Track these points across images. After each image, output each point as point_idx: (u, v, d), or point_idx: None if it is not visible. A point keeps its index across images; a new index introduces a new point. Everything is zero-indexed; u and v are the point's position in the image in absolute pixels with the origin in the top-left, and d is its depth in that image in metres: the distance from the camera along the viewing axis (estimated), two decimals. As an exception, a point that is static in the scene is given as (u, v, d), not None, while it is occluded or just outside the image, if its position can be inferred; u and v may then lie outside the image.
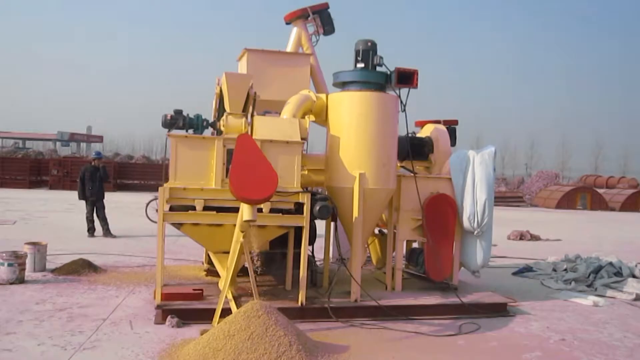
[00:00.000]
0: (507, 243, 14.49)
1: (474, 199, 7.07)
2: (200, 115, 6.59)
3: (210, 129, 6.73)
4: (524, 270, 9.74)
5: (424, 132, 8.08)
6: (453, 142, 8.47)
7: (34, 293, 6.84)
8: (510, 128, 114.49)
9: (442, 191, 7.21)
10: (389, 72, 6.69)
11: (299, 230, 6.55)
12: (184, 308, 5.94)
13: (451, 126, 8.54)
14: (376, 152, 6.57)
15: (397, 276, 7.16)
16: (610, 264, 9.11)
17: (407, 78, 6.63)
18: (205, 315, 5.75)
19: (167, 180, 6.01)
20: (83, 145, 79.24)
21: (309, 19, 8.28)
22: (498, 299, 7.05)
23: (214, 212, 5.90)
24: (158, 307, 5.89)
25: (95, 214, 11.98)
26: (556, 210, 30.12)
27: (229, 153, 5.91)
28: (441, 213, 7.07)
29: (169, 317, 5.80)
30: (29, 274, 7.80)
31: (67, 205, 18.12)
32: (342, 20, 8.66)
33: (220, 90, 6.67)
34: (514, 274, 9.71)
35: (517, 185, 45.41)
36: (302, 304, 6.16)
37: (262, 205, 6.02)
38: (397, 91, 6.84)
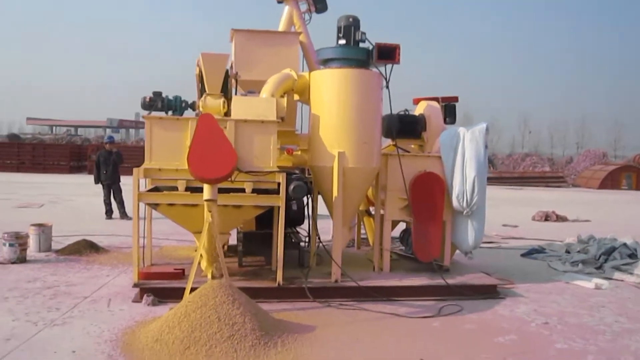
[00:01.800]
0: (531, 224, 14.04)
1: (463, 177, 6.85)
2: (179, 96, 6.62)
3: (190, 110, 6.74)
4: (533, 252, 9.40)
5: (418, 110, 7.86)
6: (453, 119, 8.24)
7: (30, 272, 7.10)
8: (560, 106, 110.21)
9: (432, 170, 7.00)
10: (371, 48, 6.52)
11: (286, 210, 6.57)
12: (161, 287, 6.04)
13: (450, 103, 8.29)
14: (356, 130, 6.43)
15: (385, 257, 7.04)
16: (625, 245, 8.67)
17: (388, 53, 6.43)
18: (182, 294, 5.81)
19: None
20: (132, 131, 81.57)
21: (301, -4, 8.14)
22: (487, 281, 6.84)
23: (188, 193, 5.92)
24: (135, 285, 6.01)
25: (112, 197, 12.32)
26: (598, 190, 28.94)
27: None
28: (428, 192, 6.88)
29: (145, 295, 5.92)
30: (33, 254, 8.12)
31: (97, 189, 18.64)
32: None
33: (200, 71, 6.67)
34: (523, 255, 9.39)
35: (564, 165, 43.93)
36: (279, 283, 6.15)
37: (244, 186, 6.03)
38: (384, 68, 6.67)
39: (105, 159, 12.13)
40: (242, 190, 6.04)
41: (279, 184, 6.10)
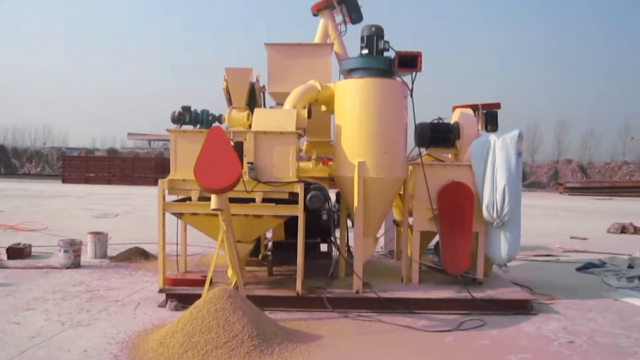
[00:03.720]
0: (604, 237, 13.13)
1: (493, 186, 6.58)
2: (206, 110, 6.88)
3: (218, 124, 6.99)
4: (589, 266, 8.79)
5: (453, 118, 7.65)
6: (494, 127, 7.98)
7: (79, 276, 7.62)
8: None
9: (462, 179, 6.79)
10: (393, 57, 6.46)
11: (315, 220, 6.68)
12: (185, 293, 6.27)
13: (492, 110, 8.03)
14: (377, 140, 6.38)
15: (414, 268, 6.89)
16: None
17: (409, 62, 6.35)
18: (204, 301, 6.02)
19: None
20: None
21: (336, 9, 8.21)
22: (519, 295, 6.48)
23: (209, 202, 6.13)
24: (161, 290, 6.30)
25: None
26: (702, 201, 26.41)
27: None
28: (456, 202, 6.66)
29: (169, 301, 6.19)
30: (90, 260, 8.72)
31: (174, 199, 19.75)
32: (374, 7, 8.47)
33: (227, 85, 6.92)
34: (578, 269, 8.81)
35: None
36: (298, 293, 6.20)
37: (254, 196, 6.17)
38: (413, 76, 6.59)
39: None
40: (263, 200, 6.18)
41: (291, 194, 6.18)
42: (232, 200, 6.06)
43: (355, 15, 8.24)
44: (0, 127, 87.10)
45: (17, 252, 8.64)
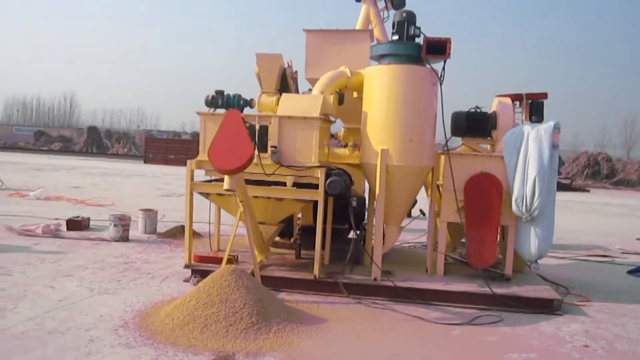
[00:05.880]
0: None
1: (524, 179, 6.31)
2: (238, 94, 7.05)
3: (249, 108, 7.16)
4: (640, 269, 8.22)
5: (493, 107, 7.38)
6: (539, 118, 7.60)
7: (123, 249, 8.12)
8: None
9: (493, 171, 6.56)
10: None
11: (342, 205, 6.72)
12: (208, 269, 6.49)
13: (537, 100, 7.64)
14: (402, 127, 6.29)
15: (439, 260, 6.76)
16: None
17: (438, 48, 6.19)
18: (226, 278, 6.24)
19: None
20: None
21: (378, -6, 8.13)
22: (544, 294, 6.19)
23: (234, 183, 6.32)
24: (186, 266, 6.60)
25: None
26: None
27: (251, 129, 6.27)
28: (484, 194, 6.46)
29: (192, 276, 6.48)
30: (139, 235, 9.24)
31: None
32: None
33: (259, 70, 7.06)
34: (629, 272, 8.25)
35: None
36: (315, 277, 6.28)
37: (285, 179, 6.31)
38: (443, 62, 6.44)
39: None
40: (284, 184, 6.31)
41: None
42: (255, 182, 6.25)
43: (397, 1, 8.11)
44: (100, 110, 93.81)
45: (75, 224, 9.32)
